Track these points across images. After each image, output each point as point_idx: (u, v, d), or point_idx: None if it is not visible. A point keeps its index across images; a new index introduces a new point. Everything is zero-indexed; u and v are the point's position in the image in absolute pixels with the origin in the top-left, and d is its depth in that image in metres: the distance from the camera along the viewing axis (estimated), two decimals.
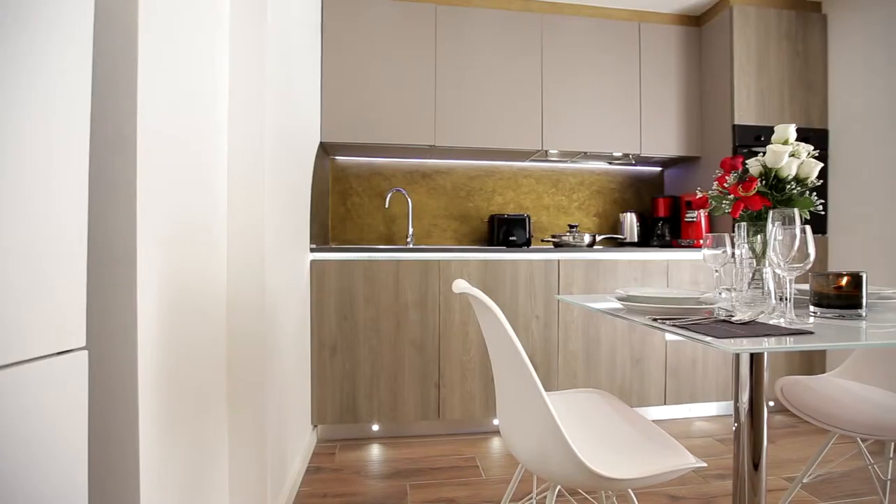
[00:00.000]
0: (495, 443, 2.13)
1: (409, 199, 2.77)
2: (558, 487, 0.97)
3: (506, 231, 2.70)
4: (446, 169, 2.87)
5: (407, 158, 2.81)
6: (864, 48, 2.40)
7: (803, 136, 2.55)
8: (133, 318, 0.80)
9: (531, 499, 1.24)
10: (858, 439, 1.31)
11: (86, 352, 0.62)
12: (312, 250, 2.07)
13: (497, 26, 2.55)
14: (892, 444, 1.36)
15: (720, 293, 1.25)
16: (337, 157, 2.76)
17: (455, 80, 2.51)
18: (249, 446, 1.26)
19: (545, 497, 0.98)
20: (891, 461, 1.46)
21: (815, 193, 1.25)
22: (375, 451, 2.05)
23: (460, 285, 0.93)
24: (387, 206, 2.73)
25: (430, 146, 2.50)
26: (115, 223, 0.79)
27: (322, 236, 2.41)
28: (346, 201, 2.77)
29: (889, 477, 1.46)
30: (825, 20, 2.61)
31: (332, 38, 2.39)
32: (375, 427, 2.18)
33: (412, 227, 2.80)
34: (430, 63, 2.49)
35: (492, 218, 2.77)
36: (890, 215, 2.25)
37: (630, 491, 0.98)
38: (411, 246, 2.53)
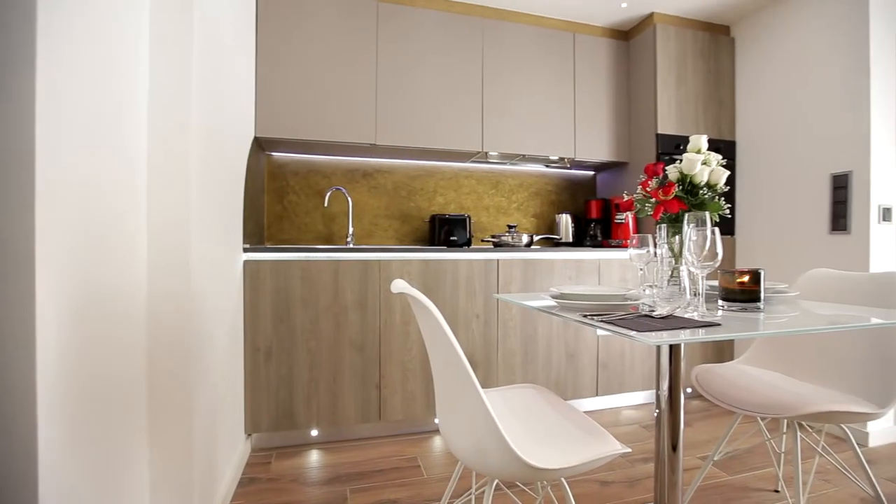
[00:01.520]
0: (437, 442, 2.15)
1: (350, 198, 2.71)
2: (496, 481, 1.00)
3: (447, 231, 2.72)
4: (388, 168, 2.84)
5: (347, 156, 2.75)
6: (765, 70, 2.69)
7: (715, 146, 2.81)
8: (31, 327, 0.71)
9: (470, 494, 1.26)
10: (758, 418, 1.47)
11: None
12: (246, 250, 1.96)
13: (439, 27, 2.57)
14: (785, 420, 1.54)
15: (644, 290, 1.34)
16: (273, 154, 2.65)
17: (397, 79, 2.49)
18: (173, 460, 1.17)
19: (483, 492, 1.00)
20: (784, 436, 1.65)
21: (723, 198, 1.39)
22: (314, 457, 1.99)
23: (399, 285, 0.93)
24: (326, 204, 2.66)
25: (372, 144, 2.47)
26: (9, 226, 0.70)
27: (257, 236, 2.29)
28: (282, 199, 2.66)
29: (783, 450, 1.65)
30: (733, 43, 2.89)
31: (268, 30, 2.29)
32: (314, 432, 2.11)
33: (352, 226, 2.75)
34: (372, 60, 2.45)
35: (433, 218, 2.79)
36: (785, 218, 2.54)
37: (563, 479, 1.03)
38: (351, 246, 2.48)
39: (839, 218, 2.24)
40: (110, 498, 0.95)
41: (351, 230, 2.71)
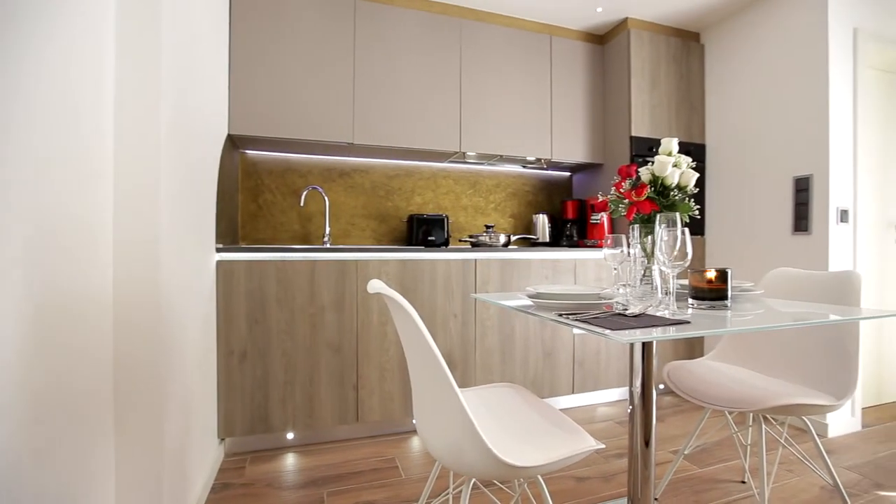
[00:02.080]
0: (415, 442, 2.14)
1: (326, 198, 2.68)
2: (473, 480, 1.00)
3: (425, 231, 2.72)
4: (365, 167, 2.82)
5: (324, 155, 2.71)
6: (732, 76, 2.78)
7: (685, 149, 2.89)
8: None
9: (448, 494, 1.27)
10: (726, 412, 1.52)
11: None
12: (219, 250, 1.92)
13: (417, 27, 2.56)
14: (751, 414, 1.60)
15: (618, 289, 1.37)
16: (247, 152, 2.59)
17: (375, 78, 2.48)
18: (142, 466, 1.14)
19: (461, 491, 1.00)
20: (750, 429, 1.72)
21: (693, 200, 1.43)
22: (290, 460, 1.95)
23: (375, 285, 0.92)
24: (302, 204, 2.62)
25: (349, 143, 2.44)
26: None
27: (230, 235, 2.24)
28: (257, 198, 2.60)
29: (749, 442, 1.72)
30: (703, 49, 2.98)
31: (243, 26, 2.23)
32: (290, 435, 2.08)
33: (329, 226, 2.72)
34: (349, 58, 2.43)
35: (411, 218, 2.78)
36: (751, 219, 2.64)
37: (539, 477, 1.04)
38: (328, 246, 2.45)
39: (801, 219, 2.34)
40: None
41: (328, 230, 2.67)
